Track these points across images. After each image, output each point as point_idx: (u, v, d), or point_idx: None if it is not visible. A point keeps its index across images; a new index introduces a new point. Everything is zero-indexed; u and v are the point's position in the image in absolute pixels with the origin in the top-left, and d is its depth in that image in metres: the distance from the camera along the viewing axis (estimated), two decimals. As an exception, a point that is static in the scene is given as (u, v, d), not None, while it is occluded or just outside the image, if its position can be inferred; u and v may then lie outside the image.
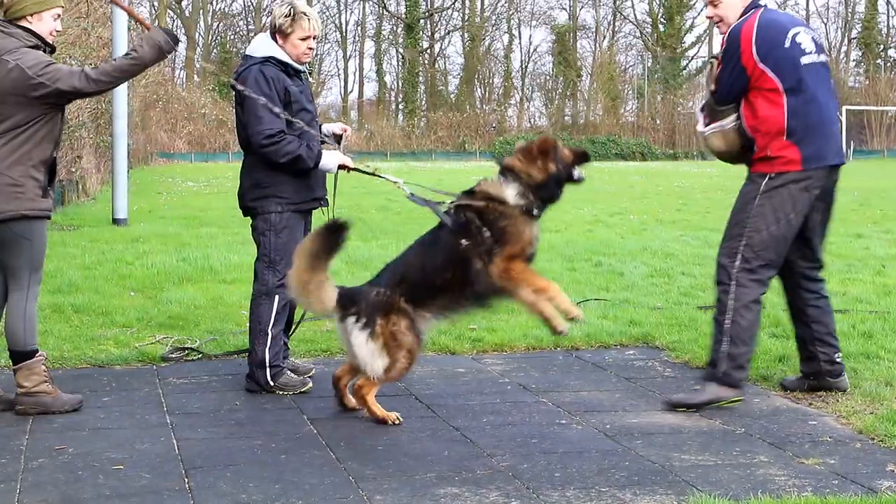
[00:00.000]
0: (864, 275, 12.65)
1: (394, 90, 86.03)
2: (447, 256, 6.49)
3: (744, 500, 5.05)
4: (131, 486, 5.27)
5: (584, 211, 22.95)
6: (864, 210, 23.96)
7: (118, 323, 9.33)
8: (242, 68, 7.30)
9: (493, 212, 6.47)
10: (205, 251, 14.16)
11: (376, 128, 76.45)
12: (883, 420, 6.40)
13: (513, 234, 6.45)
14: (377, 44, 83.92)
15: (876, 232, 18.40)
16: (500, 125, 79.80)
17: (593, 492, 5.24)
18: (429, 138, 76.50)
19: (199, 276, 11.99)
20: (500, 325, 9.38)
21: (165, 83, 60.95)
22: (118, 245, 15.22)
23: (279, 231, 7.24)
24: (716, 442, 6.13)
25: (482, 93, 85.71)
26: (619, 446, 6.04)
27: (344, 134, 7.74)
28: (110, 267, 12.77)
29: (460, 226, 6.50)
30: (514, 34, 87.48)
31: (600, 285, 11.38)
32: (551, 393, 7.28)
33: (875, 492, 5.22)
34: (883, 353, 8.24)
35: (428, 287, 6.46)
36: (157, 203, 24.40)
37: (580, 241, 16.43)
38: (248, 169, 7.37)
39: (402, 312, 6.37)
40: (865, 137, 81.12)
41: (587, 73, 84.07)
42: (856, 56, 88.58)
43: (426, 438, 6.18)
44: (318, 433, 6.25)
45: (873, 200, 27.28)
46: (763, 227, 6.79)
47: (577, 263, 13.45)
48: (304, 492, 5.20)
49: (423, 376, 7.69)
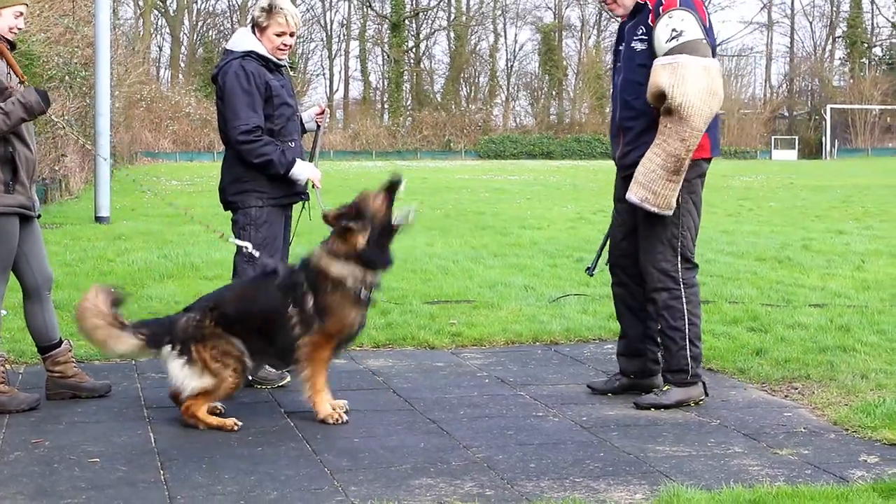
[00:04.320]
0: (843, 270, 12.73)
1: (379, 90, 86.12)
2: (264, 308, 6.42)
3: (716, 490, 5.07)
4: (107, 479, 5.28)
5: (567, 209, 23.00)
6: (846, 207, 24.05)
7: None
8: (223, 63, 7.32)
9: (325, 285, 6.38)
10: (186, 248, 14.18)
11: (361, 127, 76.54)
12: (857, 411, 6.44)
13: (337, 313, 6.36)
14: (362, 43, 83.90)
15: (857, 228, 18.50)
16: (485, 124, 79.91)
17: (567, 482, 5.27)
18: (414, 137, 76.61)
19: (180, 273, 11.99)
20: (480, 319, 9.42)
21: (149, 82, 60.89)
22: (100, 242, 15.23)
23: (259, 225, 7.26)
24: (691, 433, 6.16)
25: (468, 92, 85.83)
26: (595, 438, 6.06)
27: (324, 115, 7.80)
28: (91, 264, 12.78)
29: (289, 286, 6.44)
30: (500, 33, 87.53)
31: (581, 281, 11.42)
32: (529, 386, 7.31)
33: (847, 481, 5.26)
34: (860, 346, 8.28)
35: (239, 325, 6.35)
36: (141, 201, 24.38)
37: (562, 237, 16.50)
38: (228, 164, 7.40)
39: (216, 336, 6.28)
40: (850, 136, 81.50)
41: (573, 72, 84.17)
42: (840, 55, 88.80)
43: (402, 431, 6.20)
44: (294, 426, 6.27)
45: (856, 198, 27.42)
46: (691, 222, 6.78)
47: (558, 259, 13.51)
48: (280, 483, 5.21)
49: (402, 370, 7.71)
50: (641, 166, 6.52)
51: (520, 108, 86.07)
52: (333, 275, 6.37)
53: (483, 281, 11.69)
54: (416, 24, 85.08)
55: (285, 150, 7.21)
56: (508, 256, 14.15)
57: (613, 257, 7.16)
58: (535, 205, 24.80)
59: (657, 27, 6.50)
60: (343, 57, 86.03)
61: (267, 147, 7.12)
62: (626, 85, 6.76)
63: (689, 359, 6.71)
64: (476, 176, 43.00)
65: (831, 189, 32.29)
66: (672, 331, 6.73)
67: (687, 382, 6.74)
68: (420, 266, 12.77)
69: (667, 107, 6.40)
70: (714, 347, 8.23)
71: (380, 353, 8.32)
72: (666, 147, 6.44)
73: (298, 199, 7.47)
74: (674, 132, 6.42)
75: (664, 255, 6.72)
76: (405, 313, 9.60)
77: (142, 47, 61.62)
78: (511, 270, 12.69)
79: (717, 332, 8.83)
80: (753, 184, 36.43)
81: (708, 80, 6.48)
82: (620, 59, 6.88)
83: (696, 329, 6.79)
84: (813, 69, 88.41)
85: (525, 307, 10.08)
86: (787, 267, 13.15)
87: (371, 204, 6.40)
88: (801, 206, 24.67)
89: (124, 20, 56.66)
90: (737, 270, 12.69)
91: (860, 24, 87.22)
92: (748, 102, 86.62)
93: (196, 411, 6.23)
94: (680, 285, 6.72)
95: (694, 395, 6.77)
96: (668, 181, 6.47)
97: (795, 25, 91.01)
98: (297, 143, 7.44)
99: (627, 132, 6.79)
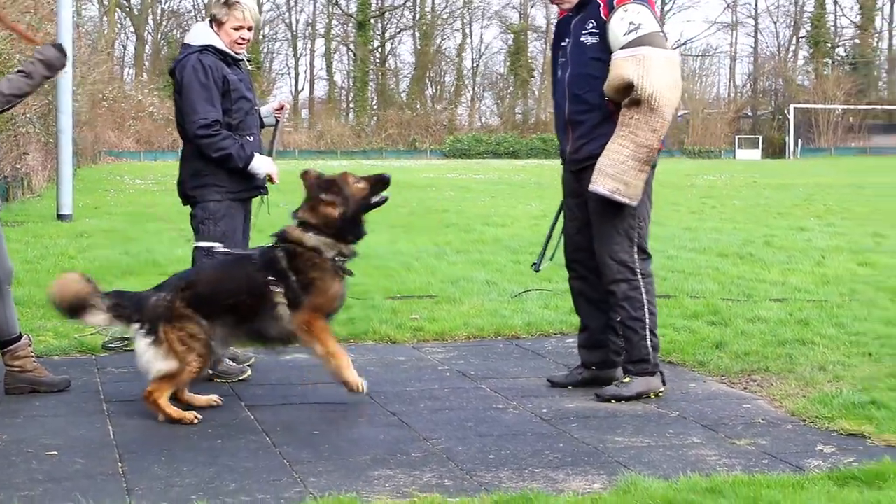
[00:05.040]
0: (804, 266, 12.81)
1: (344, 89, 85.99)
2: (244, 284, 6.45)
3: (674, 479, 5.10)
4: (64, 471, 5.26)
5: (531, 206, 23.05)
6: (808, 205, 24.21)
7: (58, 315, 9.25)
8: (181, 57, 7.31)
9: (304, 259, 6.46)
10: (149, 245, 14.13)
11: (326, 126, 76.39)
12: (815, 402, 6.49)
13: (320, 287, 6.46)
14: (328, 42, 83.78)
15: (819, 225, 18.65)
16: (450, 123, 79.93)
17: (526, 472, 5.29)
18: (379, 136, 76.57)
19: (141, 270, 11.94)
20: (442, 314, 9.43)
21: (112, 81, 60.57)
22: (62, 240, 15.16)
23: (218, 220, 7.25)
24: (650, 425, 6.20)
25: (433, 91, 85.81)
26: (555, 429, 6.09)
27: (282, 111, 7.82)
28: (53, 261, 12.72)
29: (268, 262, 6.49)
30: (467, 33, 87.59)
31: (543, 276, 11.40)
32: (490, 379, 7.33)
33: (803, 470, 5.30)
34: (818, 339, 8.35)
35: (213, 304, 6.35)
36: (104, 200, 24.26)
37: (526, 234, 16.55)
38: (187, 158, 7.38)
39: (185, 318, 6.27)
40: (813, 135, 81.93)
41: (539, 73, 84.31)
42: (804, 55, 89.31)
43: (363, 423, 6.21)
44: (255, 419, 6.26)
45: (818, 196, 27.62)
46: (644, 212, 6.82)
47: (521, 256, 13.55)
48: (239, 475, 5.20)
49: (363, 364, 7.70)
50: (607, 158, 6.54)
51: (485, 108, 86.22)
52: (309, 246, 6.44)
53: (445, 277, 11.70)
54: (382, 23, 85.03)
55: (244, 143, 7.20)
56: (471, 253, 14.18)
57: (570, 252, 7.18)
58: (499, 203, 24.83)
59: (611, 21, 6.53)
60: (308, 56, 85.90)
61: (225, 141, 7.11)
62: (577, 79, 6.77)
63: (649, 349, 6.76)
64: (441, 175, 43.01)
65: (794, 187, 32.48)
66: (633, 321, 6.76)
67: (648, 372, 6.79)
68: (383, 262, 12.77)
69: (634, 98, 6.42)
70: (674, 341, 8.28)
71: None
72: (635, 138, 6.46)
73: (258, 192, 7.47)
74: (643, 122, 6.45)
75: (622, 247, 6.75)
76: (367, 308, 9.60)
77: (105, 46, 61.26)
78: (474, 266, 12.71)
79: (678, 325, 8.88)
80: (717, 182, 36.60)
81: (672, 72, 6.55)
82: (566, 55, 6.89)
83: (655, 319, 6.84)
84: (777, 69, 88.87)
85: (487, 302, 10.10)
86: (748, 263, 13.23)
87: (351, 183, 6.54)
88: (763, 204, 24.80)
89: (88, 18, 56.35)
90: (699, 266, 12.76)
91: (824, 24, 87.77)
92: (712, 102, 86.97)
93: (158, 398, 6.21)
94: (638, 276, 6.75)
95: (654, 386, 6.80)
96: (640, 171, 6.51)
97: (759, 25, 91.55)
98: (256, 138, 7.44)
99: (578, 126, 6.81)
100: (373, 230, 7.00)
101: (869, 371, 7.32)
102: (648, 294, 6.79)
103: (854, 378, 7.13)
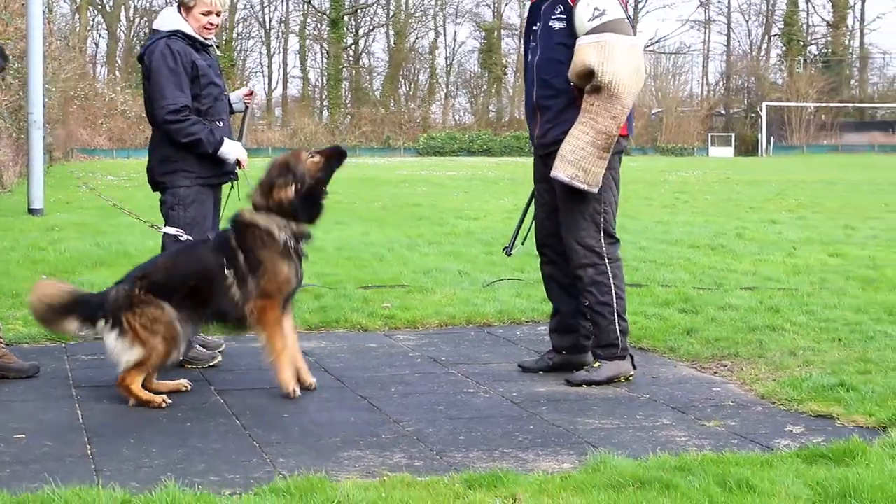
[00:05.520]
0: (775, 256, 12.86)
1: (318, 87, 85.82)
2: (197, 269, 6.45)
3: (643, 458, 5.11)
4: (33, 454, 5.23)
5: (504, 201, 23.06)
6: (780, 200, 24.33)
7: (27, 304, 9.20)
8: (149, 42, 7.28)
9: (255, 239, 6.43)
10: (120, 237, 14.07)
11: (300, 124, 76.23)
12: (785, 385, 6.52)
13: (270, 268, 6.41)
14: (301, 40, 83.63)
15: (790, 218, 18.74)
16: (424, 121, 79.88)
17: (496, 453, 5.29)
18: (353, 134, 76.43)
19: (113, 261, 11.87)
20: (414, 303, 9.42)
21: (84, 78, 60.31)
22: (33, 233, 15.07)
23: (188, 205, 7.22)
24: (620, 408, 6.21)
25: (407, 89, 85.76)
26: (525, 412, 6.09)
27: (252, 97, 7.79)
28: (23, 252, 12.65)
29: (220, 244, 6.48)
30: (440, 31, 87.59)
31: (515, 267, 11.44)
32: (461, 365, 7.32)
33: (772, 449, 5.32)
34: (788, 325, 8.37)
35: (171, 289, 6.34)
36: (76, 195, 24.15)
37: (498, 227, 16.55)
38: (156, 144, 7.35)
39: (145, 303, 6.26)
40: (786, 133, 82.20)
41: (512, 70, 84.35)
42: (777, 53, 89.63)
43: (333, 407, 6.19)
44: (224, 403, 6.25)
45: (790, 191, 27.73)
46: (611, 197, 6.84)
47: (493, 247, 13.54)
48: (208, 456, 5.19)
49: (334, 351, 7.70)
50: (567, 144, 6.56)
51: (459, 106, 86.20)
52: (260, 226, 6.41)
53: (418, 267, 11.69)
54: (355, 20, 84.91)
55: (213, 129, 7.18)
56: (444, 245, 14.17)
57: (540, 237, 7.21)
58: (472, 198, 24.81)
59: (578, 6, 6.57)
60: (282, 54, 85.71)
61: (195, 126, 7.09)
62: (544, 63, 6.80)
63: (618, 333, 6.77)
64: (415, 172, 42.97)
65: (766, 183, 32.58)
66: (601, 306, 6.78)
67: (617, 356, 6.80)
68: (354, 254, 12.76)
69: (595, 85, 6.45)
70: (645, 328, 8.29)
71: (312, 336, 8.28)
72: (595, 125, 6.49)
73: (228, 178, 7.45)
74: (603, 109, 6.47)
75: (588, 232, 6.77)
76: (339, 297, 9.58)
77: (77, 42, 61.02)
78: (446, 258, 12.70)
79: (649, 313, 8.89)
80: (690, 178, 36.69)
81: (635, 59, 6.57)
82: (536, 39, 6.91)
83: (623, 303, 6.85)
84: (749, 67, 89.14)
85: (459, 291, 10.09)
86: (719, 254, 13.27)
87: (302, 161, 6.46)
88: (736, 198, 24.87)
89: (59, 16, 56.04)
90: (670, 257, 12.79)
91: (796, 22, 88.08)
92: (685, 100, 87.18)
93: (129, 384, 6.19)
94: (605, 260, 6.77)
95: (624, 370, 6.81)
96: (599, 158, 6.53)
97: (732, 23, 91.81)
98: (226, 123, 7.42)
99: (546, 111, 6.83)
100: (344, 223, 7.01)
101: (839, 356, 7.35)
102: (616, 278, 6.80)
103: (824, 362, 7.15)
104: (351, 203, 21.82)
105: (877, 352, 7.43)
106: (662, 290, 10.02)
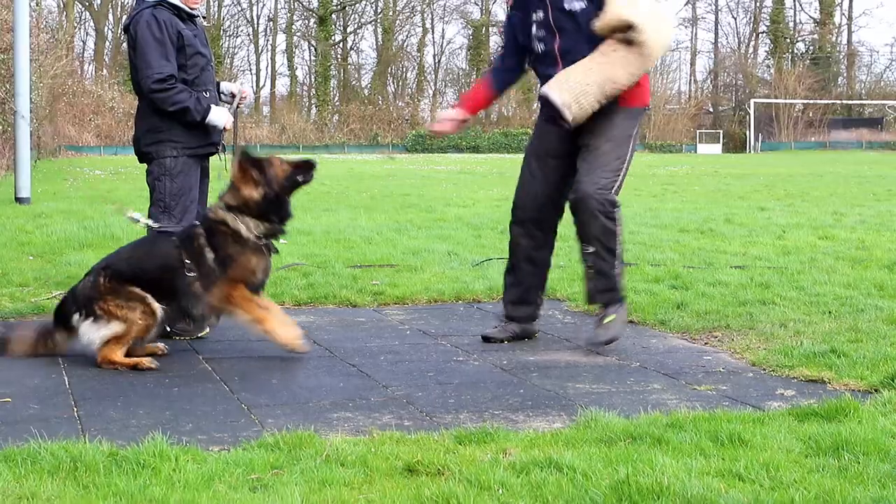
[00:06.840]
0: (764, 239, 12.86)
1: (306, 84, 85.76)
2: (159, 263, 6.44)
3: (634, 416, 5.08)
4: (19, 416, 5.17)
5: (493, 192, 23.04)
6: (768, 190, 24.39)
7: (14, 283, 9.16)
8: (135, 12, 7.23)
9: (223, 237, 6.43)
10: (107, 220, 14.00)
11: (288, 121, 76.20)
12: (775, 353, 6.49)
13: (238, 259, 6.41)
14: (289, 37, 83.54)
15: (779, 206, 18.74)
16: (412, 118, 79.90)
17: (486, 414, 5.25)
18: (341, 131, 76.45)
19: (100, 243, 11.81)
20: (403, 280, 9.38)
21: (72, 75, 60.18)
22: (20, 220, 14.98)
23: (174, 176, 7.18)
24: (611, 374, 6.18)
25: (395, 87, 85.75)
26: (515, 378, 6.06)
27: (240, 96, 7.71)
28: (9, 235, 12.60)
29: (185, 240, 6.46)
30: (428, 28, 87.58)
31: (505, 248, 11.36)
32: (450, 336, 7.29)
33: (763, 410, 5.29)
34: (779, 300, 8.35)
35: (134, 280, 6.32)
36: (63, 187, 24.07)
37: (487, 213, 16.55)
38: (142, 114, 7.31)
39: (113, 290, 6.26)
40: (773, 130, 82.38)
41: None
42: (764, 50, 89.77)
43: (322, 374, 6.15)
44: (212, 370, 6.20)
45: (779, 184, 27.77)
46: (631, 162, 6.90)
47: (482, 231, 13.53)
48: (196, 417, 5.14)
49: (323, 325, 7.66)
50: (574, 73, 6.49)
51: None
52: (229, 226, 6.41)
53: (407, 249, 11.64)
54: (343, 18, 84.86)
55: (200, 97, 7.13)
56: (433, 229, 14.12)
57: (530, 211, 7.13)
58: (461, 189, 24.80)
59: None
60: (270, 52, 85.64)
61: (181, 94, 7.04)
62: (573, 46, 6.65)
63: (618, 276, 6.87)
64: (403, 166, 42.96)
65: (755, 177, 32.63)
66: (607, 253, 6.78)
67: (619, 299, 6.87)
68: (343, 236, 12.72)
69: (627, 38, 6.39)
70: (635, 302, 8.24)
71: (300, 311, 8.23)
72: (608, 71, 6.44)
73: (214, 149, 7.41)
74: (626, 63, 6.45)
75: (609, 182, 6.73)
76: (327, 276, 9.53)
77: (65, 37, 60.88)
78: (435, 240, 12.65)
79: (639, 289, 8.85)
80: (679, 172, 36.74)
81: (668, 31, 6.60)
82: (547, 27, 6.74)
83: (622, 250, 6.94)
84: (737, 64, 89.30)
85: (448, 270, 10.05)
86: (709, 237, 13.26)
87: (276, 165, 6.52)
88: (724, 189, 24.90)
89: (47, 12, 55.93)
90: (660, 239, 12.77)
91: (783, 19, 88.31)
92: (674, 97, 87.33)
93: (111, 356, 6.16)
94: (617, 208, 6.77)
95: (625, 317, 6.94)
96: (597, 101, 6.51)
97: (720, 21, 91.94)
98: (213, 93, 7.36)
99: None
100: (332, 210, 6.96)
101: (829, 327, 7.31)
102: (620, 227, 6.83)
103: (815, 333, 7.12)
104: (339, 193, 21.78)
105: (867, 322, 7.40)
106: (652, 269, 9.98)
